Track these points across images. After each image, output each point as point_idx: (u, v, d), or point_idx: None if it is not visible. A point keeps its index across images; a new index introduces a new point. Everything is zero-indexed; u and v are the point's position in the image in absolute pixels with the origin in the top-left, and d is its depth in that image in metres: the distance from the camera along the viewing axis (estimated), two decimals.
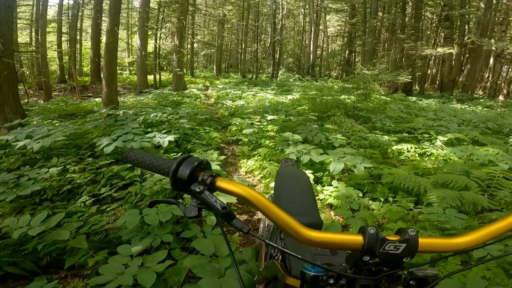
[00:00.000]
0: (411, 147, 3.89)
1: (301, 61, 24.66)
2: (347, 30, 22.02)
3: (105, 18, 10.76)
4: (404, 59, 14.14)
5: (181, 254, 1.78)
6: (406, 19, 15.25)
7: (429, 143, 4.23)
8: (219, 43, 22.54)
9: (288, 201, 1.01)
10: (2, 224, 1.71)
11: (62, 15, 16.04)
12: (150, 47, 16.13)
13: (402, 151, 3.87)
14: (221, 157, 3.79)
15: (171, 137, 3.66)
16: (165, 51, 16.04)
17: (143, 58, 11.87)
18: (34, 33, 15.07)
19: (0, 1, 4.52)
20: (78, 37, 17.71)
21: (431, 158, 3.61)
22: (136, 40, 12.73)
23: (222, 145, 4.66)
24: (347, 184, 2.84)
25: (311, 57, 22.12)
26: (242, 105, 7.46)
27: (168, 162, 0.58)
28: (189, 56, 20.77)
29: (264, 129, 4.77)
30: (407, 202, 2.54)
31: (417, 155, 3.77)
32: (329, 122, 4.94)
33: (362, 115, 5.73)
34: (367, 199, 2.66)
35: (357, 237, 0.46)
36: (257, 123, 5.15)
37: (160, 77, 14.61)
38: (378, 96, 7.45)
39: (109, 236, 1.95)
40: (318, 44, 24.31)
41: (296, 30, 29.46)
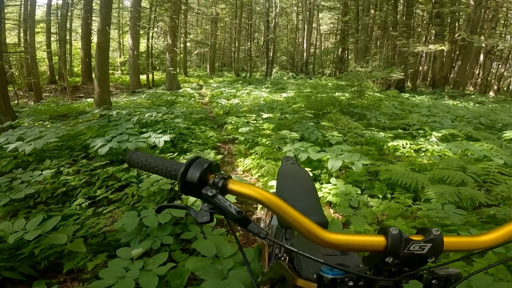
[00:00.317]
0: (407, 143, 3.92)
1: (295, 59, 24.69)
2: (340, 28, 22.10)
3: (95, 18, 10.62)
4: (397, 56, 14.29)
5: (182, 256, 1.75)
6: (398, 17, 15.37)
7: (424, 139, 4.26)
8: (213, 42, 22.41)
9: (293, 201, 0.99)
10: None
11: (51, 15, 15.76)
12: (142, 47, 15.95)
13: (398, 148, 3.90)
14: (218, 157, 3.76)
15: (167, 137, 3.62)
16: (158, 51, 15.88)
17: (136, 58, 11.73)
18: (23, 34, 14.78)
19: None
20: (68, 37, 17.41)
21: (427, 154, 3.64)
22: (128, 40, 12.57)
23: (219, 144, 4.63)
24: (345, 182, 2.85)
25: (305, 55, 22.14)
26: (237, 104, 7.41)
27: (175, 165, 0.55)
28: (182, 55, 20.61)
29: (260, 128, 4.75)
30: (405, 199, 2.55)
31: (413, 151, 3.80)
32: (325, 120, 4.95)
33: (357, 112, 5.75)
34: (366, 196, 2.66)
35: (379, 238, 0.44)
36: (253, 122, 5.13)
37: (153, 77, 14.46)
38: (372, 93, 7.51)
39: (107, 239, 1.92)
40: (312, 42, 24.34)
41: (290, 28, 29.47)
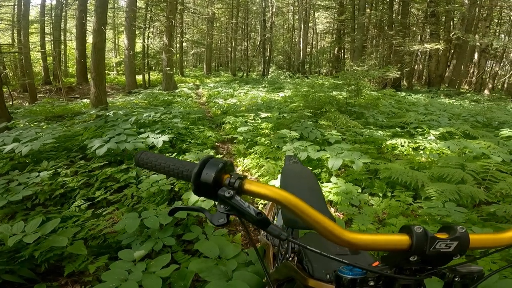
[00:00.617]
0: (405, 142, 3.93)
1: (291, 59, 24.68)
2: (336, 27, 22.13)
3: (90, 18, 10.53)
4: (393, 55, 14.33)
5: (184, 257, 1.73)
6: (394, 16, 15.43)
7: (422, 137, 4.28)
8: (209, 42, 22.32)
9: None
10: None
11: (45, 16, 15.60)
12: (138, 47, 15.85)
13: (396, 146, 3.91)
14: (218, 156, 3.74)
15: (165, 137, 3.59)
16: (154, 51, 15.78)
17: (131, 58, 11.64)
18: (16, 34, 14.62)
19: None
20: (62, 38, 17.24)
21: (426, 152, 3.65)
22: (124, 40, 12.47)
23: (217, 144, 4.61)
24: (346, 180, 2.84)
25: (301, 54, 22.15)
26: (235, 104, 7.39)
27: (187, 165, 0.53)
28: (179, 55, 20.51)
29: (259, 127, 4.73)
30: (406, 197, 2.56)
31: (411, 150, 3.81)
32: (323, 119, 4.95)
33: (355, 111, 5.76)
34: (366, 195, 2.66)
35: (403, 237, 0.44)
36: (251, 121, 5.11)
37: (149, 77, 14.38)
38: (369, 92, 7.52)
39: (108, 241, 1.89)
40: (308, 41, 24.38)
41: (286, 28, 29.46)
